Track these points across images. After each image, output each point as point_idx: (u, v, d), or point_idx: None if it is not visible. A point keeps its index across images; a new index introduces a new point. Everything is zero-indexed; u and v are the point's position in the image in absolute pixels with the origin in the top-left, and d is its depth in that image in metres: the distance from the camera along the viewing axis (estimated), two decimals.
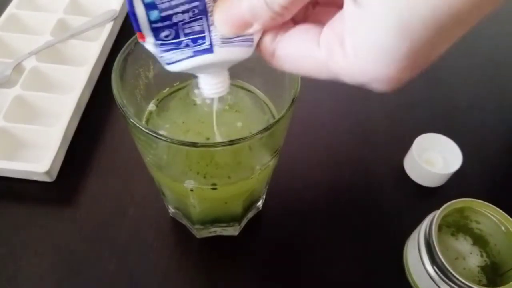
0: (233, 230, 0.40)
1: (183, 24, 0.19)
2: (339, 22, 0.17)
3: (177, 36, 0.19)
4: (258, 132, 0.25)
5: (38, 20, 0.55)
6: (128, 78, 0.29)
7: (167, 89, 0.34)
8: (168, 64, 0.21)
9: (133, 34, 0.29)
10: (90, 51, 0.51)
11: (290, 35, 0.20)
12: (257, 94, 0.35)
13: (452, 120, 0.51)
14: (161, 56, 0.21)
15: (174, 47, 0.20)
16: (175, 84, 0.35)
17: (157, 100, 0.34)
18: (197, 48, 0.20)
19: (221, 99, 0.26)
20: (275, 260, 0.39)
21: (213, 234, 0.40)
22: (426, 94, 0.54)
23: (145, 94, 0.32)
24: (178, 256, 0.39)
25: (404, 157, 0.46)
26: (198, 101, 0.31)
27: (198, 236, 0.40)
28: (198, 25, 0.19)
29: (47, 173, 0.41)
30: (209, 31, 0.20)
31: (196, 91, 0.29)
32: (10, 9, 0.54)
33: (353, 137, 0.49)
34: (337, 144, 0.48)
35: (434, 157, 0.45)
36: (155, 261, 0.38)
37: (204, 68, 0.22)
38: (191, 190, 0.31)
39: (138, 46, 0.29)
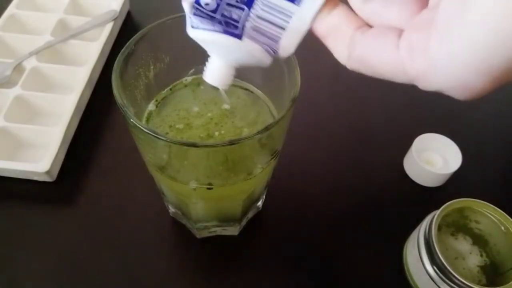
0: (233, 230, 0.40)
1: (227, 4, 0.20)
2: (426, 27, 0.17)
3: (215, 11, 0.20)
4: (258, 132, 0.25)
5: (38, 20, 0.55)
6: (128, 78, 0.29)
7: (167, 89, 0.34)
8: (193, 27, 0.21)
9: (133, 34, 0.29)
10: (90, 51, 0.51)
11: (367, 36, 0.19)
12: (257, 94, 0.35)
13: (452, 120, 0.51)
14: (190, 17, 0.21)
15: (205, 17, 0.20)
16: (175, 84, 0.35)
17: (157, 100, 0.34)
18: (227, 29, 0.20)
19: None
20: (275, 260, 0.39)
21: (213, 234, 0.40)
22: (426, 94, 0.54)
23: (145, 94, 0.32)
24: (178, 256, 0.39)
25: (404, 157, 0.46)
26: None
27: (198, 236, 0.40)
28: (237, 14, 0.20)
29: (47, 173, 0.41)
30: (245, 22, 0.20)
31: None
32: (10, 9, 0.54)
33: (353, 137, 0.49)
34: (337, 144, 0.48)
35: (434, 157, 0.45)
36: (155, 261, 0.38)
37: (220, 49, 0.22)
38: (191, 190, 0.31)
39: (138, 46, 0.29)
